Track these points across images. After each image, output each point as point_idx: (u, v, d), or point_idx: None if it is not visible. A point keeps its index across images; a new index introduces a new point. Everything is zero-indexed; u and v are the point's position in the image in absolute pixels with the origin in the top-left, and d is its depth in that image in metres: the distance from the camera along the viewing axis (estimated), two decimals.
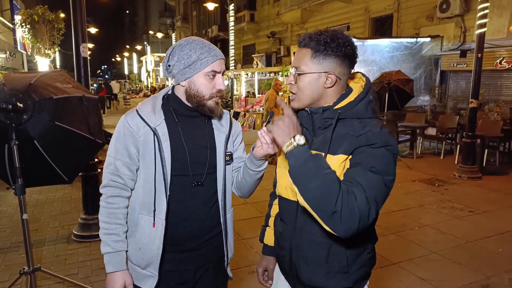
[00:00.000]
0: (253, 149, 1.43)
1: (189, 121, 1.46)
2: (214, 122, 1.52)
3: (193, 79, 1.39)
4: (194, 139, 1.45)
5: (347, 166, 1.20)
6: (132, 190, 1.47)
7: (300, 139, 1.13)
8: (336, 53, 1.21)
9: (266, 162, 1.48)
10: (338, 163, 1.21)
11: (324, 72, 1.23)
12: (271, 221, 1.59)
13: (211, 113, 1.43)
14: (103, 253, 1.43)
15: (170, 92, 1.50)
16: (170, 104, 1.46)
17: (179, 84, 1.43)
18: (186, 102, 1.44)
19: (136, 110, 1.42)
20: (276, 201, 1.57)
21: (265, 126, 1.34)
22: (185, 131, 1.44)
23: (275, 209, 1.56)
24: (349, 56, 1.24)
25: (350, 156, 1.20)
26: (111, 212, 1.43)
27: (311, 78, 1.24)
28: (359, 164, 1.16)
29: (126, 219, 1.47)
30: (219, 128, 1.52)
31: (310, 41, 1.24)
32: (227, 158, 1.51)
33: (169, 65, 1.42)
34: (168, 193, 1.40)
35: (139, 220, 1.44)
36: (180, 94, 1.44)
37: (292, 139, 1.13)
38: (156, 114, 1.41)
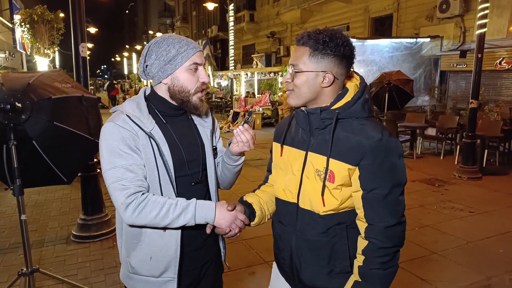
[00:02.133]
0: (229, 144, 1.43)
1: (176, 121, 1.43)
2: (196, 118, 1.49)
3: (176, 75, 1.34)
4: (185, 138, 1.43)
5: (356, 178, 1.22)
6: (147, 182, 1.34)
7: None
8: (335, 53, 1.21)
9: (243, 157, 1.50)
10: (343, 172, 1.22)
11: (321, 71, 1.23)
12: (259, 190, 1.52)
13: (196, 110, 1.40)
14: (189, 223, 1.28)
15: (148, 93, 1.43)
16: (154, 105, 1.40)
17: (160, 82, 1.37)
18: (170, 101, 1.39)
19: (126, 115, 1.32)
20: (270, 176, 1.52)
21: (242, 125, 1.37)
22: (176, 131, 1.41)
23: (268, 186, 1.51)
24: (347, 57, 1.23)
25: (357, 170, 1.22)
26: (153, 202, 1.26)
27: (308, 76, 1.24)
28: (372, 191, 1.20)
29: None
30: (203, 124, 1.50)
31: (308, 39, 1.23)
32: (214, 152, 1.52)
33: (147, 66, 1.35)
34: (177, 196, 1.36)
35: (142, 230, 1.36)
36: (163, 93, 1.39)
37: None
38: (146, 118, 1.34)
